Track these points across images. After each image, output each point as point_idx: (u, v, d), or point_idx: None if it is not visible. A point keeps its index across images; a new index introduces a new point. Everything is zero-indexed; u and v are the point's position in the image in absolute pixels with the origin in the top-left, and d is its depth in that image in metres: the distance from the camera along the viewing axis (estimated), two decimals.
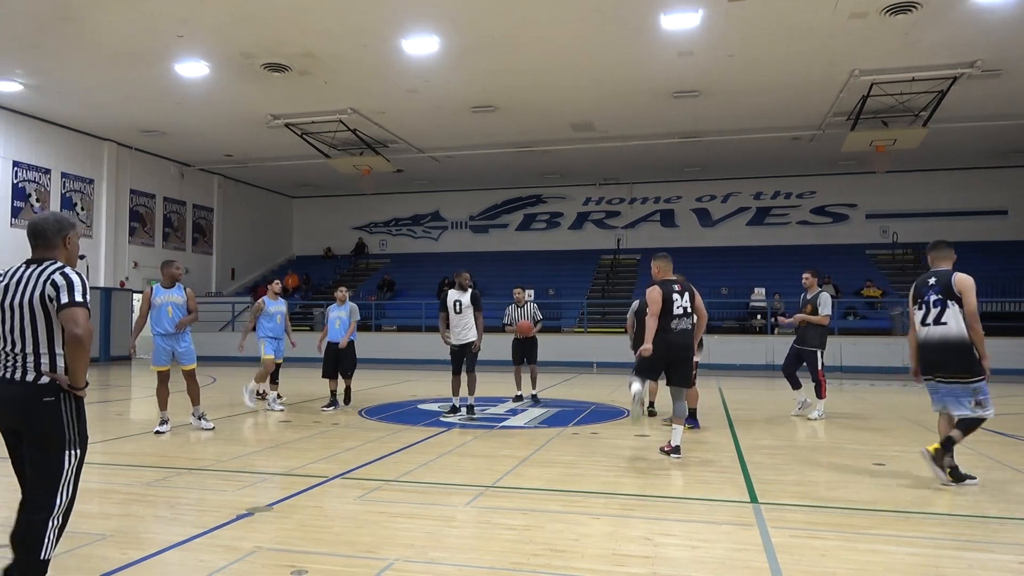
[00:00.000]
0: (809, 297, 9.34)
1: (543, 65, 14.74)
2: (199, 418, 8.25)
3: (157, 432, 7.93)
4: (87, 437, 3.30)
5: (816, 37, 13.21)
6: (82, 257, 16.70)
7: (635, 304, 9.48)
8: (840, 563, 3.81)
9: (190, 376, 8.16)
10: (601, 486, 5.58)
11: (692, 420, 8.40)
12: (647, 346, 6.54)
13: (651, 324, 6.59)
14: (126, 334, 21.70)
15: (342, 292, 10.48)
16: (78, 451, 3.22)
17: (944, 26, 12.69)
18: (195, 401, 8.23)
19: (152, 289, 8.06)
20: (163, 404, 8.09)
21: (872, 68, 14.71)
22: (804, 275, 9.47)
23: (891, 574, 3.67)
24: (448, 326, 9.40)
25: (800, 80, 15.47)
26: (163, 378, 8.09)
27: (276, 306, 10.26)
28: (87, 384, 3.25)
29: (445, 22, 12.87)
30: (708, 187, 26.50)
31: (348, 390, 10.54)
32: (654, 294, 6.65)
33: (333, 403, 10.19)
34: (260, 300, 10.29)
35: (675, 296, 6.65)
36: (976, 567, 3.78)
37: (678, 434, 6.65)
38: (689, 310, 6.72)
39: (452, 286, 9.63)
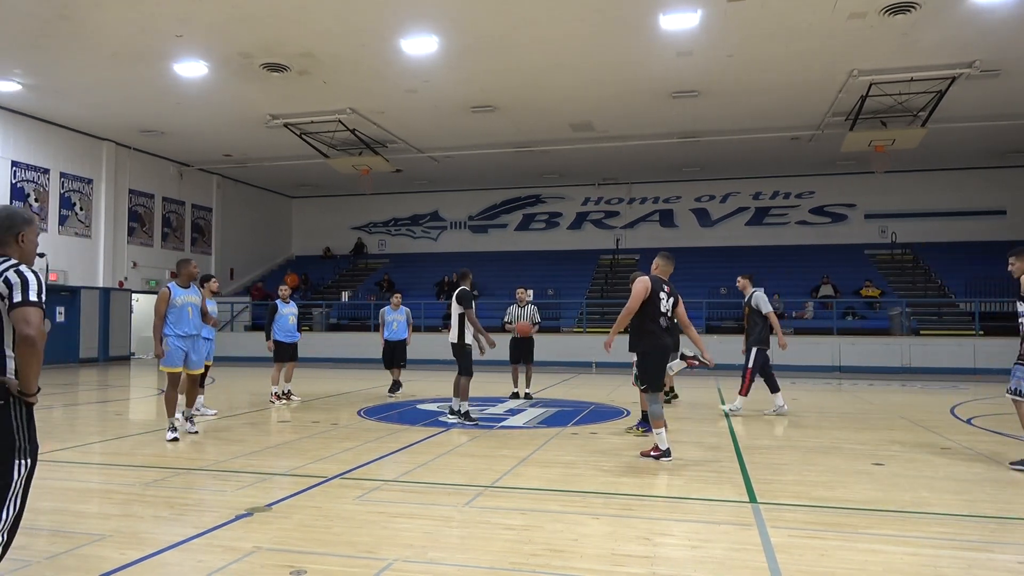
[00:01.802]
0: (746, 299, 9.88)
1: (542, 65, 14.74)
2: (188, 419, 7.98)
3: (171, 440, 7.47)
4: (37, 447, 3.05)
5: (815, 37, 13.22)
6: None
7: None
8: (839, 563, 3.81)
9: (194, 380, 8.04)
10: (600, 486, 5.58)
11: (645, 424, 8.15)
12: (610, 339, 6.71)
13: (623, 316, 6.59)
14: (125, 334, 21.73)
15: (397, 298, 12.24)
16: (28, 460, 2.98)
17: (943, 26, 12.70)
18: (190, 403, 8.08)
19: (170, 290, 7.73)
20: (171, 410, 7.64)
21: (871, 68, 14.73)
22: (738, 279, 10.15)
23: (890, 574, 3.67)
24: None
25: (799, 80, 15.48)
26: (175, 381, 7.69)
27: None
28: (39, 390, 2.99)
29: (444, 22, 12.87)
30: (707, 187, 26.52)
31: (399, 380, 12.21)
32: (639, 283, 6.53)
33: (395, 387, 11.92)
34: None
35: (662, 295, 6.58)
36: (975, 567, 3.78)
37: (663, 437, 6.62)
38: (669, 314, 6.66)
39: (455, 285, 9.40)
